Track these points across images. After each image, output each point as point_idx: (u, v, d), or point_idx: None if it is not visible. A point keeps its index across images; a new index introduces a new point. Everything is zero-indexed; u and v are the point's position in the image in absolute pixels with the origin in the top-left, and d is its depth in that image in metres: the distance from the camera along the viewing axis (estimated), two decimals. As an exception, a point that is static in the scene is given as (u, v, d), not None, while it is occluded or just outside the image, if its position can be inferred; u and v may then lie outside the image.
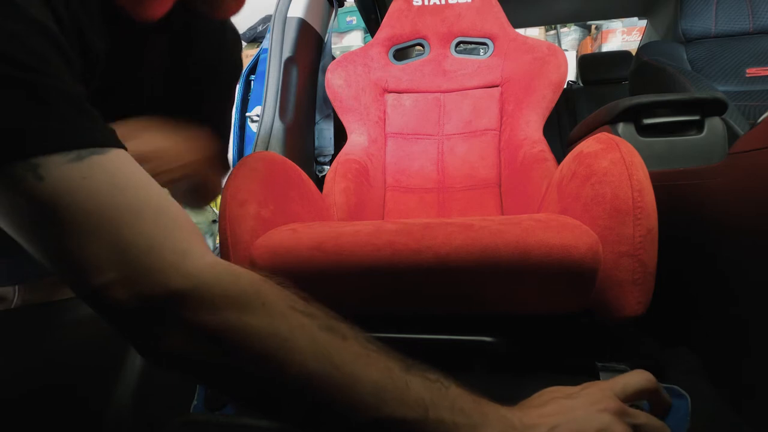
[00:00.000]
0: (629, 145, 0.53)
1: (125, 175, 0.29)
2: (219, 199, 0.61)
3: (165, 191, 0.31)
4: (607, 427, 0.32)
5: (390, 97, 1.15)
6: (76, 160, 0.26)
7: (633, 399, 0.35)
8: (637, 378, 0.36)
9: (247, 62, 1.38)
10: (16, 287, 0.53)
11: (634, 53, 1.88)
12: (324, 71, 1.17)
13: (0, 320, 0.42)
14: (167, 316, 0.28)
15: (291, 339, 0.29)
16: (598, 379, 0.49)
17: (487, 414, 0.31)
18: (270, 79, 1.03)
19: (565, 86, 1.24)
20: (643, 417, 0.34)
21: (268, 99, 1.02)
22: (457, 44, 1.17)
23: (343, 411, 0.28)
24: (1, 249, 0.46)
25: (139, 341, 0.29)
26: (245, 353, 0.28)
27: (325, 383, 0.28)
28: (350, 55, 1.16)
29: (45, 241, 0.27)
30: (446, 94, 1.14)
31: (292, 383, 0.28)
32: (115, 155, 0.29)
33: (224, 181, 0.61)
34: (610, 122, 0.77)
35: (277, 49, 1.05)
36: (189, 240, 0.30)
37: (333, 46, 1.74)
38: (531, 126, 1.00)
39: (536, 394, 0.36)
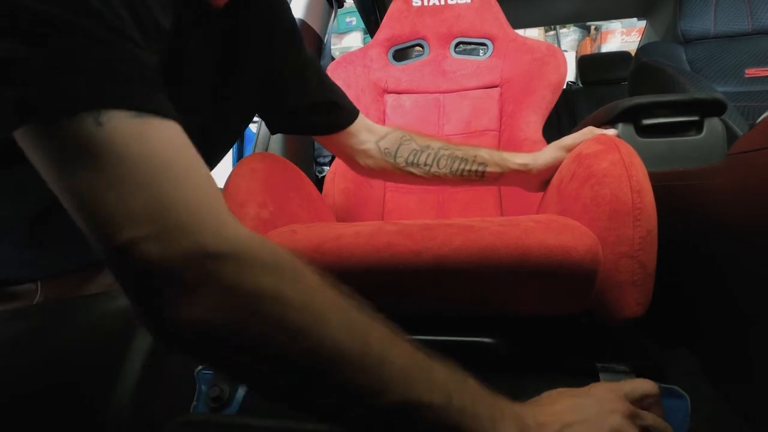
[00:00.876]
0: (628, 146, 0.53)
1: (178, 143, 0.29)
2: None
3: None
4: (620, 428, 0.33)
5: (390, 98, 1.15)
6: (136, 117, 0.27)
7: (638, 403, 0.35)
8: (644, 384, 0.36)
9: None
10: (39, 283, 0.53)
11: (633, 54, 1.88)
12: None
13: (12, 318, 0.43)
14: (200, 275, 0.27)
15: (325, 313, 0.28)
16: (598, 380, 0.49)
17: (503, 408, 0.32)
18: (270, 80, 1.02)
19: (564, 87, 1.24)
20: (650, 418, 0.34)
21: (267, 100, 1.02)
22: (457, 45, 1.17)
23: (373, 391, 0.28)
24: (31, 238, 0.47)
25: (161, 307, 0.27)
26: (280, 323, 0.27)
27: (357, 361, 0.28)
28: (350, 56, 1.17)
29: (85, 188, 0.26)
30: (446, 94, 1.15)
31: (324, 359, 0.27)
32: (171, 125, 0.29)
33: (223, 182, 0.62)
34: (609, 123, 0.77)
35: (277, 49, 1.05)
36: (228, 213, 0.30)
37: (332, 47, 1.74)
38: (531, 126, 1.00)
39: (545, 394, 0.36)
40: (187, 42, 0.43)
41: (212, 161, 0.58)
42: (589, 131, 0.62)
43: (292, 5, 1.11)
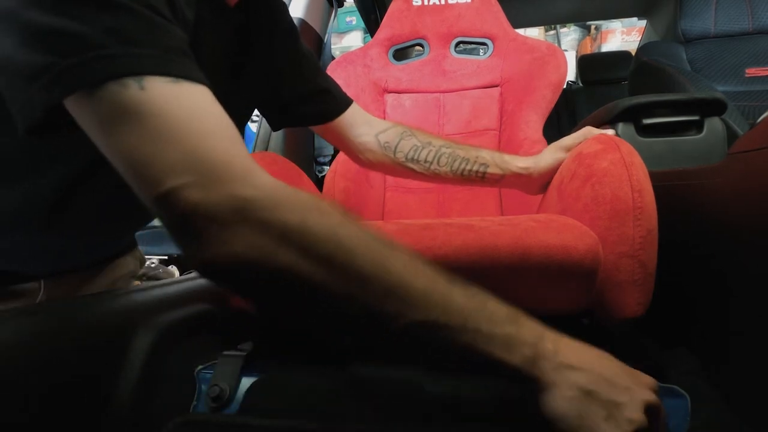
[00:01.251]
0: (629, 145, 0.53)
1: (209, 104, 0.33)
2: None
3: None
4: (636, 391, 0.33)
5: (390, 98, 1.15)
6: (173, 82, 0.31)
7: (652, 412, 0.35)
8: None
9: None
10: (42, 282, 0.54)
11: (633, 53, 1.88)
12: (324, 71, 1.17)
13: (13, 317, 0.43)
14: (235, 216, 0.30)
15: (349, 244, 0.31)
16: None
17: (521, 331, 0.34)
18: (270, 80, 1.02)
19: (564, 86, 1.24)
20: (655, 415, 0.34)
21: (267, 99, 1.02)
22: (457, 44, 1.17)
23: (393, 314, 0.31)
24: (45, 228, 0.48)
25: (202, 245, 0.30)
26: (307, 253, 0.30)
27: (379, 287, 0.31)
28: (350, 56, 1.16)
29: (130, 144, 0.30)
30: (446, 94, 1.14)
31: (349, 285, 0.31)
32: (203, 89, 0.33)
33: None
34: (609, 122, 0.77)
35: (277, 49, 1.05)
36: (255, 163, 0.33)
37: (333, 47, 1.74)
38: (531, 126, 1.00)
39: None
40: (203, 37, 0.45)
41: None
42: (588, 131, 0.62)
43: (292, 4, 1.11)
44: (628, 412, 0.32)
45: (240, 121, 0.62)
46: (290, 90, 0.63)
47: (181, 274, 1.13)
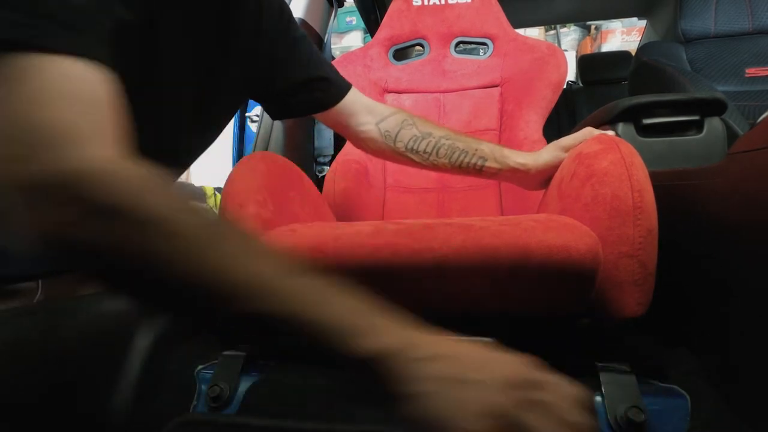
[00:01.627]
0: (629, 145, 0.53)
1: (74, 76, 0.31)
2: (218, 200, 0.62)
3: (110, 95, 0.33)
4: (494, 372, 0.31)
5: (390, 98, 1.15)
6: (42, 54, 0.30)
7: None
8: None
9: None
10: (40, 282, 0.54)
11: (633, 53, 1.88)
12: (324, 71, 1.17)
13: (12, 317, 0.43)
14: (59, 194, 0.29)
15: (174, 228, 0.30)
16: (599, 379, 0.49)
17: (372, 328, 0.31)
18: (270, 80, 1.02)
19: (564, 86, 1.24)
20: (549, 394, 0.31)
21: (267, 99, 1.02)
22: (457, 44, 1.17)
23: (222, 299, 0.31)
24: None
25: (31, 216, 0.29)
26: (136, 234, 0.29)
27: (204, 273, 0.30)
28: (350, 56, 1.16)
29: None
30: (446, 94, 1.14)
31: (176, 269, 0.30)
32: (71, 62, 0.31)
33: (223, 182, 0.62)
34: (609, 122, 0.77)
35: (277, 49, 1.05)
36: (101, 133, 0.31)
37: (333, 47, 1.74)
38: (531, 126, 1.00)
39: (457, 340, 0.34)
40: (164, 13, 0.43)
41: (198, 142, 0.59)
42: (588, 131, 0.62)
43: (292, 5, 1.11)
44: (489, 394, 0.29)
45: (230, 108, 0.61)
46: (284, 77, 0.62)
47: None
